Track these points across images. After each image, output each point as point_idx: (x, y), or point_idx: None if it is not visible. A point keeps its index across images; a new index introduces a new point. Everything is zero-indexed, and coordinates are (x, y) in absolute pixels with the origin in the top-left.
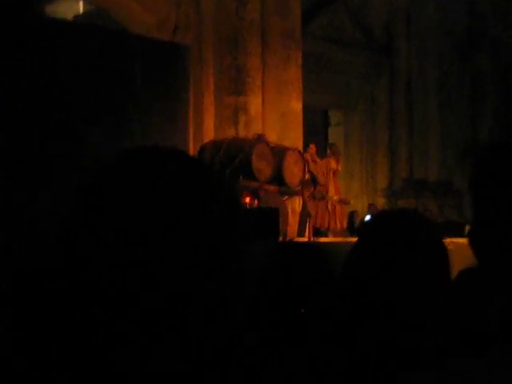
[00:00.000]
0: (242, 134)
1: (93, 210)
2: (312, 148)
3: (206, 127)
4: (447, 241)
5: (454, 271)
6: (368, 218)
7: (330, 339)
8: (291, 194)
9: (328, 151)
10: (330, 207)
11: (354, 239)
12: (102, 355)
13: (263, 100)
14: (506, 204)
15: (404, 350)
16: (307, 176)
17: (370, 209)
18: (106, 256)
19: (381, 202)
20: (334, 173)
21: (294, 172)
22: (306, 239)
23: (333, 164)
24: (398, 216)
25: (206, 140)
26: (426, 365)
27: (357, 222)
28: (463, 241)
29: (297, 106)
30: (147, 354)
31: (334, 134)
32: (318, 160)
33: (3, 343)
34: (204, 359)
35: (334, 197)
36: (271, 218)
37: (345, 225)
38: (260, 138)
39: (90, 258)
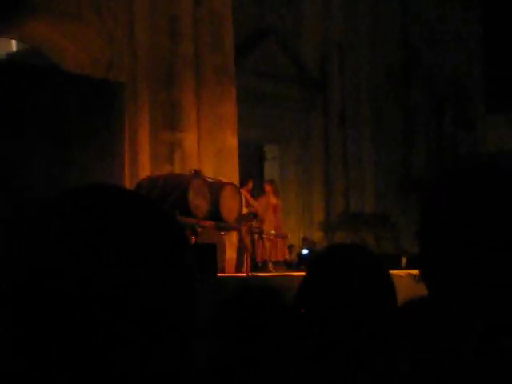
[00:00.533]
0: (177, 169)
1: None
2: (250, 184)
3: (141, 163)
4: None
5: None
6: (305, 251)
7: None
8: (228, 229)
9: (267, 187)
10: (266, 242)
11: (294, 273)
12: (102, 355)
13: (198, 136)
14: (460, 235)
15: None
16: (245, 211)
17: (305, 242)
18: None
19: (318, 236)
20: (275, 208)
21: (230, 207)
22: (244, 274)
23: (273, 200)
24: (347, 250)
25: (142, 176)
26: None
27: (293, 255)
28: (400, 273)
29: (232, 141)
30: (147, 354)
31: (270, 169)
32: (252, 198)
33: (3, 343)
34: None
35: (271, 231)
36: (209, 253)
37: (287, 257)
38: (196, 174)
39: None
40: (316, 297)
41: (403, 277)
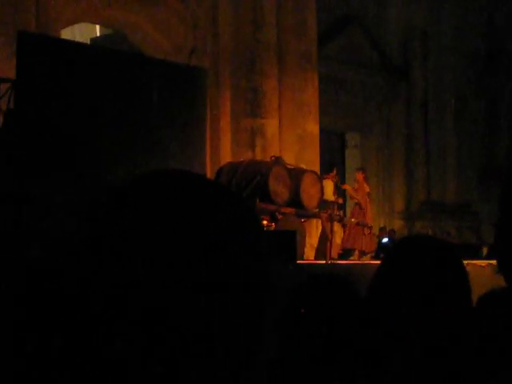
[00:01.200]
0: (258, 156)
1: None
2: (334, 172)
3: (222, 150)
4: (464, 263)
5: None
6: (385, 240)
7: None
8: (309, 216)
9: (359, 175)
10: (351, 230)
11: (373, 261)
12: (103, 355)
13: (280, 122)
14: None
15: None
16: (332, 199)
17: (383, 231)
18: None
19: (398, 224)
20: (368, 197)
21: (311, 194)
22: (323, 261)
23: (367, 188)
24: (423, 242)
25: (224, 162)
26: None
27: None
28: (480, 263)
29: (314, 128)
30: (147, 354)
31: (351, 157)
32: (352, 189)
33: (3, 343)
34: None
35: (352, 219)
36: (289, 240)
37: (373, 247)
38: (277, 161)
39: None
40: (389, 288)
41: (484, 267)
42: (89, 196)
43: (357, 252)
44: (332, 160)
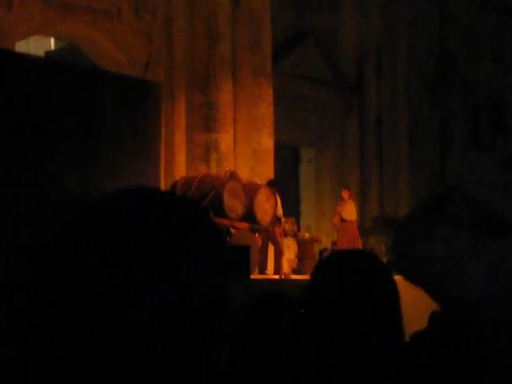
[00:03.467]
0: (213, 171)
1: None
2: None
3: (177, 164)
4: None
5: (409, 305)
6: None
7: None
8: (262, 231)
9: (346, 193)
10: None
11: None
12: (102, 354)
13: (234, 137)
14: None
15: None
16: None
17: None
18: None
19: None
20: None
21: (265, 209)
22: (277, 277)
23: (353, 205)
24: (351, 256)
25: (178, 177)
26: None
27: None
28: None
29: (268, 143)
30: (146, 352)
31: (305, 171)
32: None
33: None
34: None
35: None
36: (242, 255)
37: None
38: (232, 176)
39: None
40: (316, 301)
41: None
42: (38, 211)
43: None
44: (286, 175)
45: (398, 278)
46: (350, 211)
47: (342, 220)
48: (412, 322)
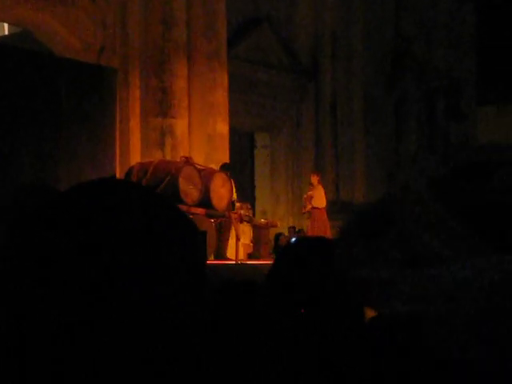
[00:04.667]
0: (168, 156)
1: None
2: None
3: (132, 150)
4: None
5: None
6: (293, 240)
7: None
8: (218, 216)
9: (315, 178)
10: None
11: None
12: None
13: (189, 122)
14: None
15: None
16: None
17: (291, 230)
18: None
19: (307, 224)
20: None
21: (220, 195)
22: (233, 262)
23: (322, 190)
24: (311, 243)
25: (133, 162)
26: None
27: (282, 243)
28: None
29: (223, 128)
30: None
31: (260, 157)
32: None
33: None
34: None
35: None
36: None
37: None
38: (187, 161)
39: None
40: (281, 284)
41: None
42: None
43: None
44: (241, 160)
45: None
46: (319, 197)
47: (313, 207)
48: None
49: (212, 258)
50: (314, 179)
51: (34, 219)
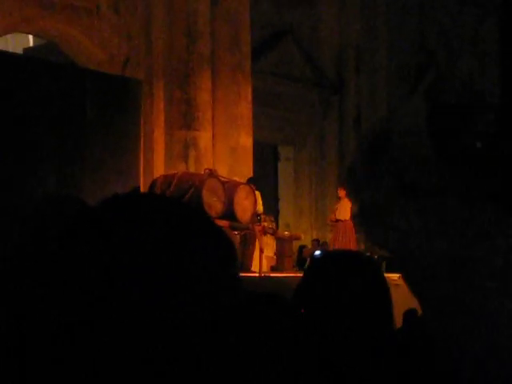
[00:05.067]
0: (192, 168)
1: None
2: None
3: (156, 162)
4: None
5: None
6: (317, 253)
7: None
8: (242, 228)
9: (342, 192)
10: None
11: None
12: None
13: (213, 135)
14: None
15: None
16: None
17: (315, 243)
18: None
19: (330, 237)
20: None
21: (244, 207)
22: (256, 274)
23: (349, 203)
24: (343, 256)
25: (157, 174)
26: None
27: (306, 256)
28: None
29: (247, 141)
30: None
31: (284, 170)
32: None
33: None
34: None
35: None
36: None
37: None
38: (211, 173)
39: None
40: (310, 299)
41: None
42: (19, 207)
43: None
44: (265, 173)
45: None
46: (344, 210)
47: (337, 220)
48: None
49: None
50: (342, 192)
51: (57, 228)
